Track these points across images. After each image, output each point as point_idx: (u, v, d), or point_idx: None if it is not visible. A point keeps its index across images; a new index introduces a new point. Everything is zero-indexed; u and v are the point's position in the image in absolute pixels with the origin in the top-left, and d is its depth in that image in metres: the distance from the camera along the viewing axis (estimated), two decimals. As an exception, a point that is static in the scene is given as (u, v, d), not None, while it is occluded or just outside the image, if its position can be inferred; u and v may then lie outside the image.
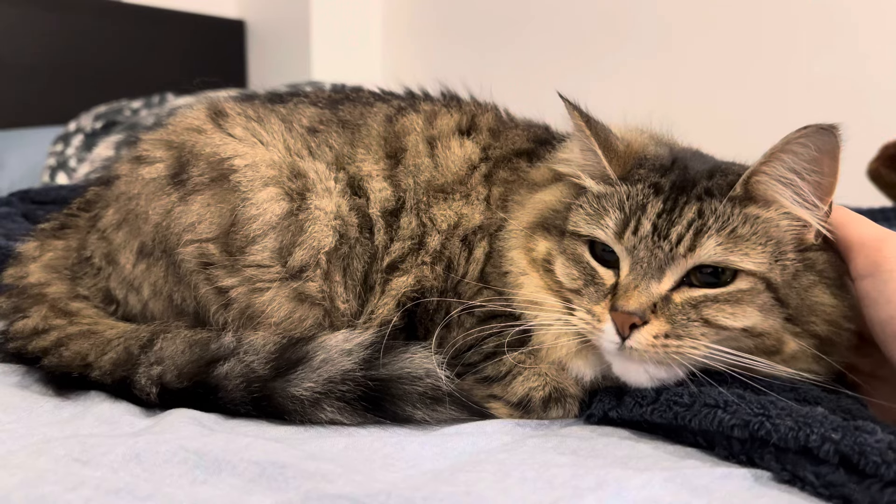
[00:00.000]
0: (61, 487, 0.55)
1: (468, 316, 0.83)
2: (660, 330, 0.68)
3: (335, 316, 0.87)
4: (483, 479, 0.58)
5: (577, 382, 0.78)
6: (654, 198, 0.73)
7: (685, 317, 0.68)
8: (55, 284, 0.94)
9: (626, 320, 0.68)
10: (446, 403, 0.74)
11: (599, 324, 0.70)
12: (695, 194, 0.72)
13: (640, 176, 0.75)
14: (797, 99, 2.27)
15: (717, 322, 0.68)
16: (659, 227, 0.70)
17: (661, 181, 0.74)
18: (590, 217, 0.75)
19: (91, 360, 0.82)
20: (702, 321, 0.68)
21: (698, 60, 2.52)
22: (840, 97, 2.19)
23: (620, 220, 0.72)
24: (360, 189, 0.90)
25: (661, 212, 0.71)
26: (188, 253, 0.85)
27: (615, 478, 0.56)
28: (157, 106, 2.51)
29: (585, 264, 0.75)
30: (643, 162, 0.77)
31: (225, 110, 0.94)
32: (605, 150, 0.76)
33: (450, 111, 0.96)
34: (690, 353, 0.68)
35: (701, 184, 0.73)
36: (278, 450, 0.62)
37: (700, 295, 0.69)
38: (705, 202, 0.71)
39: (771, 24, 2.37)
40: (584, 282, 0.74)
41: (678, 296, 0.69)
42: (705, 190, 0.72)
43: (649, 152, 0.79)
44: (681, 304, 0.69)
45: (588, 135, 0.76)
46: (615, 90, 2.30)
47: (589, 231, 0.74)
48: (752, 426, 0.60)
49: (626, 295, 0.69)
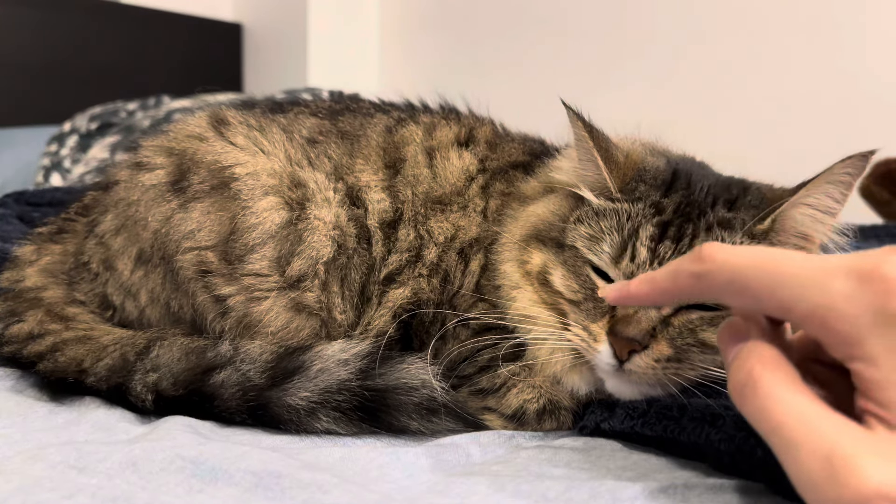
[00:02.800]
0: (58, 495, 0.55)
1: (463, 328, 0.84)
2: (661, 354, 0.68)
3: (332, 326, 0.87)
4: (477, 492, 0.59)
5: (572, 396, 0.79)
6: (651, 221, 0.71)
7: (684, 341, 0.69)
8: (52, 289, 0.94)
9: (625, 346, 0.68)
10: (441, 415, 0.74)
11: (596, 343, 0.70)
12: (705, 224, 0.70)
13: (640, 193, 0.75)
14: (798, 110, 2.29)
15: (714, 343, 0.68)
16: (660, 255, 0.70)
17: (663, 202, 0.73)
18: (587, 240, 0.74)
19: (86, 366, 0.82)
20: (700, 345, 0.69)
21: (698, 68, 2.53)
22: (839, 112, 2.20)
23: (617, 245, 0.72)
24: (358, 200, 0.91)
25: (660, 237, 0.70)
26: (187, 260, 0.86)
27: (608, 489, 0.57)
28: (153, 108, 2.51)
29: (586, 278, 0.74)
30: (643, 175, 0.76)
31: (227, 118, 0.95)
32: (607, 162, 0.76)
33: (448, 123, 0.98)
34: (687, 374, 0.69)
35: (716, 213, 0.71)
36: (274, 459, 0.62)
37: (697, 318, 0.69)
38: (714, 234, 0.69)
39: (773, 35, 2.38)
40: (584, 295, 0.74)
41: (677, 319, 0.70)
42: (720, 221, 0.70)
43: (648, 164, 0.78)
44: (679, 328, 0.69)
45: (591, 146, 0.76)
46: (614, 98, 2.31)
47: (585, 254, 0.74)
48: (738, 441, 0.61)
49: (626, 320, 0.69)
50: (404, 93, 1.08)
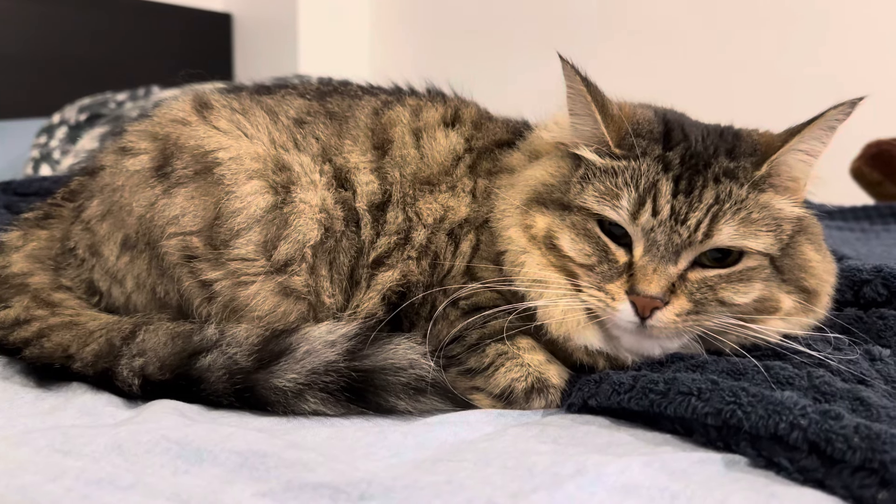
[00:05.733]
0: (42, 477, 0.55)
1: (453, 308, 0.84)
2: (682, 308, 0.71)
3: (320, 310, 0.87)
4: (464, 469, 0.59)
5: (560, 375, 0.79)
6: (666, 176, 0.73)
7: (703, 295, 0.72)
8: (38, 275, 0.94)
9: (647, 304, 0.71)
10: (429, 394, 0.74)
11: (614, 302, 0.72)
12: (712, 175, 0.73)
13: (643, 148, 0.76)
14: (788, 98, 2.28)
15: (732, 301, 0.72)
16: (676, 210, 0.72)
17: (668, 155, 0.75)
18: (601, 195, 0.75)
19: (73, 352, 0.81)
20: (717, 301, 0.72)
21: (692, 59, 2.53)
22: (830, 97, 2.20)
23: (635, 201, 0.73)
24: (346, 182, 0.90)
25: (675, 192, 0.72)
26: (172, 246, 0.85)
27: (594, 464, 0.57)
28: (143, 99, 2.49)
29: (597, 240, 0.75)
30: (638, 129, 0.77)
31: (210, 102, 0.94)
32: (603, 115, 0.77)
33: (434, 105, 0.97)
34: (705, 324, 0.72)
35: (720, 163, 0.74)
36: (260, 440, 0.62)
37: (714, 275, 0.72)
38: (723, 185, 0.73)
39: (764, 25, 2.38)
40: (597, 258, 0.75)
41: (693, 274, 0.72)
42: (725, 171, 0.74)
43: (639, 115, 0.79)
44: (696, 283, 0.72)
45: (588, 99, 0.77)
46: (607, 86, 2.31)
47: (600, 210, 0.75)
48: (725, 414, 0.61)
49: (647, 279, 0.71)
50: (394, 80, 1.07)
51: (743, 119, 0.85)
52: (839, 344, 0.77)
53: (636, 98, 0.86)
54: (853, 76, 2.17)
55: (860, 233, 1.65)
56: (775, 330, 0.75)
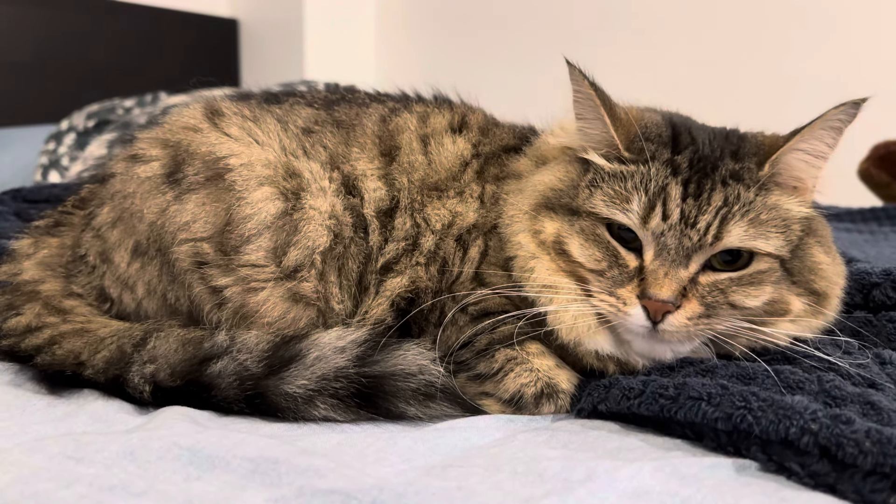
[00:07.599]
0: (55, 485, 0.55)
1: (462, 314, 0.84)
2: (694, 312, 0.71)
3: (329, 316, 0.87)
4: (474, 474, 0.59)
5: (569, 380, 0.79)
6: (675, 179, 0.74)
7: (714, 298, 0.72)
8: (49, 282, 0.94)
9: (659, 308, 0.71)
10: (439, 400, 0.74)
11: (626, 307, 0.72)
12: (720, 177, 0.74)
13: (652, 152, 0.76)
14: (789, 98, 2.28)
15: (743, 304, 0.73)
16: (686, 213, 0.72)
17: (677, 159, 0.75)
18: (609, 199, 0.75)
19: (84, 359, 0.82)
20: (728, 304, 0.72)
21: (692, 58, 2.53)
22: (833, 97, 2.20)
23: (645, 205, 0.73)
24: (354, 189, 0.91)
25: (684, 195, 0.73)
26: (183, 252, 0.86)
27: (605, 469, 0.57)
28: (150, 105, 2.50)
29: (607, 244, 0.75)
30: (646, 132, 0.78)
31: (221, 109, 0.95)
32: (612, 118, 0.77)
33: (441, 111, 0.98)
34: (716, 327, 0.72)
35: (726, 165, 0.74)
36: (271, 446, 0.62)
37: (725, 278, 0.73)
38: (731, 187, 0.73)
39: (764, 23, 2.38)
40: (607, 263, 0.75)
41: (704, 278, 0.73)
42: (731, 174, 0.74)
43: (647, 119, 0.80)
44: (707, 286, 0.72)
45: (597, 103, 0.77)
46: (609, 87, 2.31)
47: (610, 214, 0.75)
48: (735, 419, 0.61)
49: (658, 283, 0.71)
50: (401, 85, 1.08)
51: (746, 120, 0.85)
52: (849, 348, 0.76)
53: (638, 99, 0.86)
54: (859, 77, 2.17)
55: (869, 235, 1.64)
56: (785, 332, 0.75)
